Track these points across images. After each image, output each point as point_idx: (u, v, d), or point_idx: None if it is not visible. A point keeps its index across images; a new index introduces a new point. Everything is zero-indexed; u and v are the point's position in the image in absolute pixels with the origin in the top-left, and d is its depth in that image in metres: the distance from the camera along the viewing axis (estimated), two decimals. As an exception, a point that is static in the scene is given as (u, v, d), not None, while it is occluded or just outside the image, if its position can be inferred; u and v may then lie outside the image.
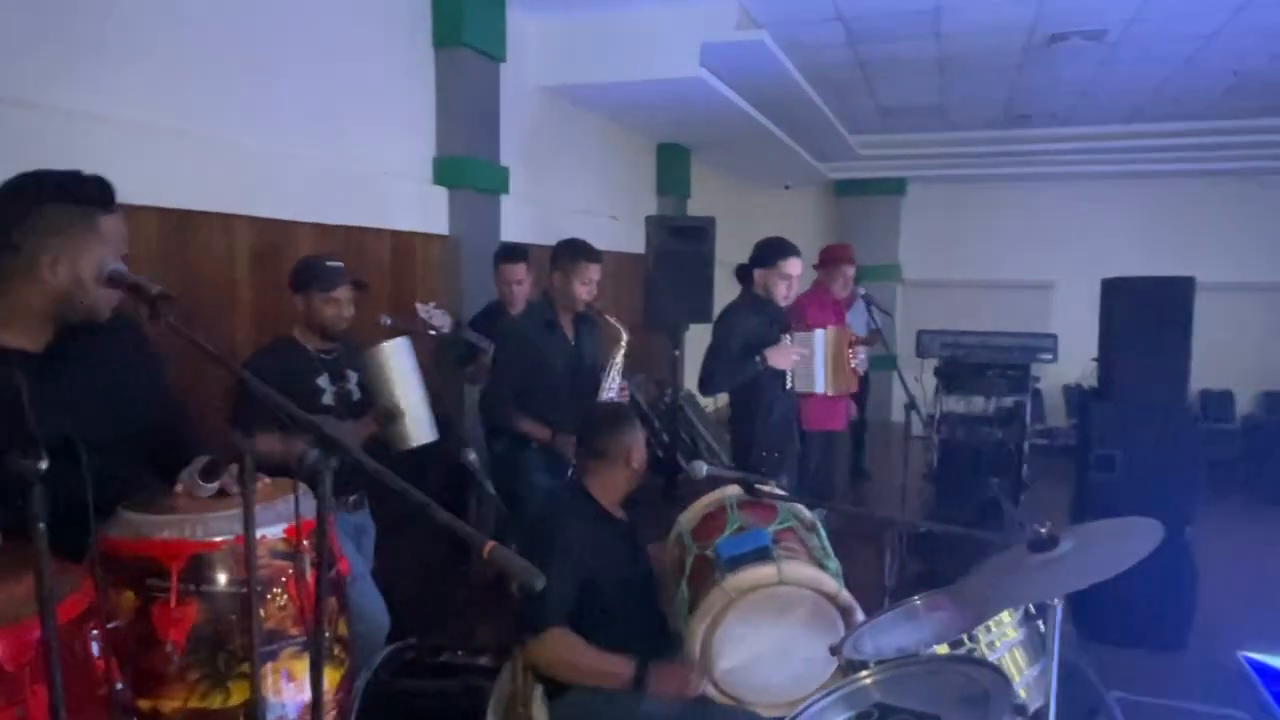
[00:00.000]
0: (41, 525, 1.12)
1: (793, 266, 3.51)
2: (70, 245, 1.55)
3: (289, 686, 1.57)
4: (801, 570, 2.14)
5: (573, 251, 3.33)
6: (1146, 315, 3.92)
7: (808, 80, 5.96)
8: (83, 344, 1.63)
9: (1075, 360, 6.09)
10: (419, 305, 3.89)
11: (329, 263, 2.77)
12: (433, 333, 3.86)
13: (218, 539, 1.54)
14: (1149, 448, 3.87)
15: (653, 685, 2.05)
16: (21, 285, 1.55)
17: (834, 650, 1.88)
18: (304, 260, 2.83)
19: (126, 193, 2.70)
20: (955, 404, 5.79)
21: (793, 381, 3.51)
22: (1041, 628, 1.90)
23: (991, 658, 1.77)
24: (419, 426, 2.72)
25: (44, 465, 1.12)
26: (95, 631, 1.37)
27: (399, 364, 2.70)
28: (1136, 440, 3.90)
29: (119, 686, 1.40)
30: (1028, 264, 9.34)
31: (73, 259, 1.55)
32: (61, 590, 1.28)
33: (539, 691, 2.26)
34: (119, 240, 1.64)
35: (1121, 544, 1.64)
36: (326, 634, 1.57)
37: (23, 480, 1.12)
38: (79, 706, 1.25)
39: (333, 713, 1.65)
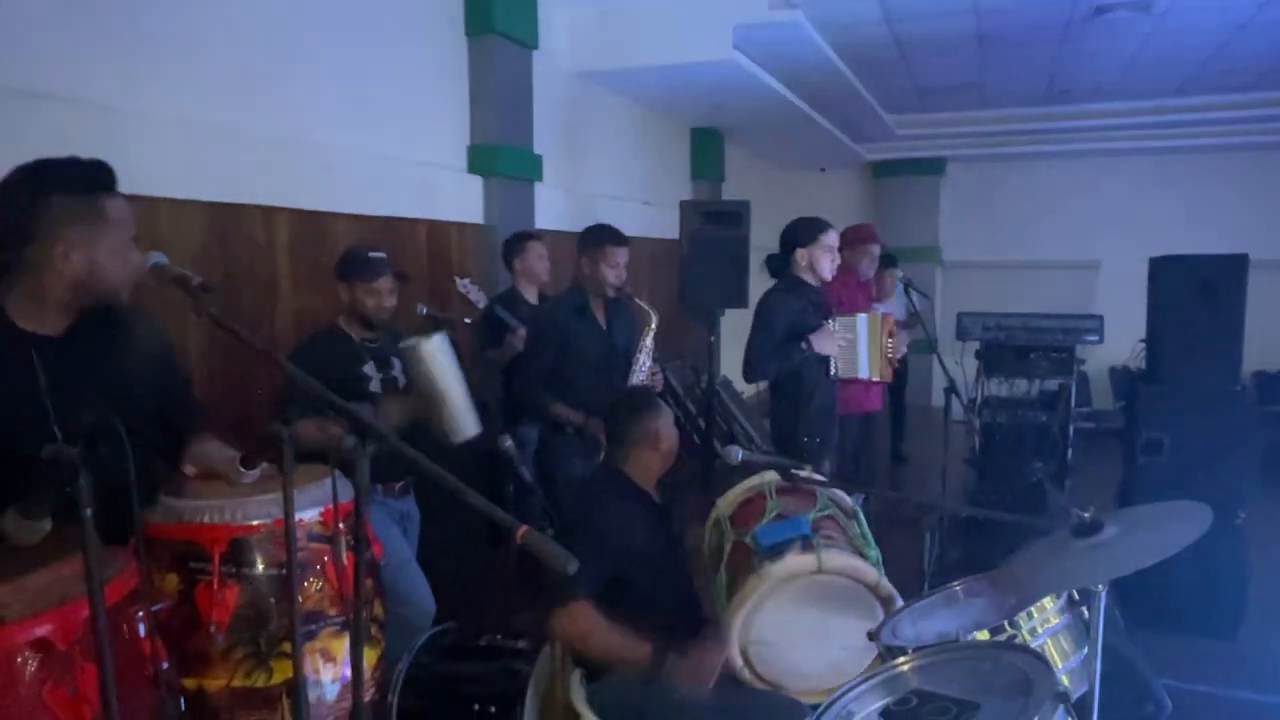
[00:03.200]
0: (88, 510, 1.15)
1: (833, 238, 3.50)
2: (81, 232, 1.57)
3: (328, 666, 1.60)
4: (841, 559, 2.11)
5: (599, 236, 3.33)
6: (1197, 294, 3.81)
7: (844, 60, 5.86)
8: (99, 329, 1.66)
9: (1122, 342, 5.92)
10: (457, 279, 3.97)
11: (371, 254, 2.80)
12: (468, 321, 3.90)
13: (256, 522, 1.58)
14: (1199, 431, 3.77)
15: (674, 673, 2.02)
16: (37, 274, 1.58)
17: (872, 636, 1.86)
18: (348, 250, 2.87)
19: (168, 187, 2.79)
20: (997, 387, 5.69)
21: (836, 367, 3.47)
22: (1085, 614, 1.86)
23: (1033, 644, 1.73)
24: (463, 421, 2.73)
25: (76, 450, 1.14)
26: (141, 613, 1.41)
27: (439, 361, 2.71)
28: (1186, 423, 3.80)
29: (165, 666, 1.44)
30: (1071, 244, 9.12)
31: (85, 245, 1.57)
32: (108, 573, 1.31)
33: (577, 674, 2.27)
34: (126, 222, 1.65)
35: (1169, 529, 1.59)
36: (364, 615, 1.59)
37: (68, 466, 1.15)
38: (127, 685, 1.28)
39: (370, 690, 1.68)
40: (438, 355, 2.69)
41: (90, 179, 1.61)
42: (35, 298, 1.59)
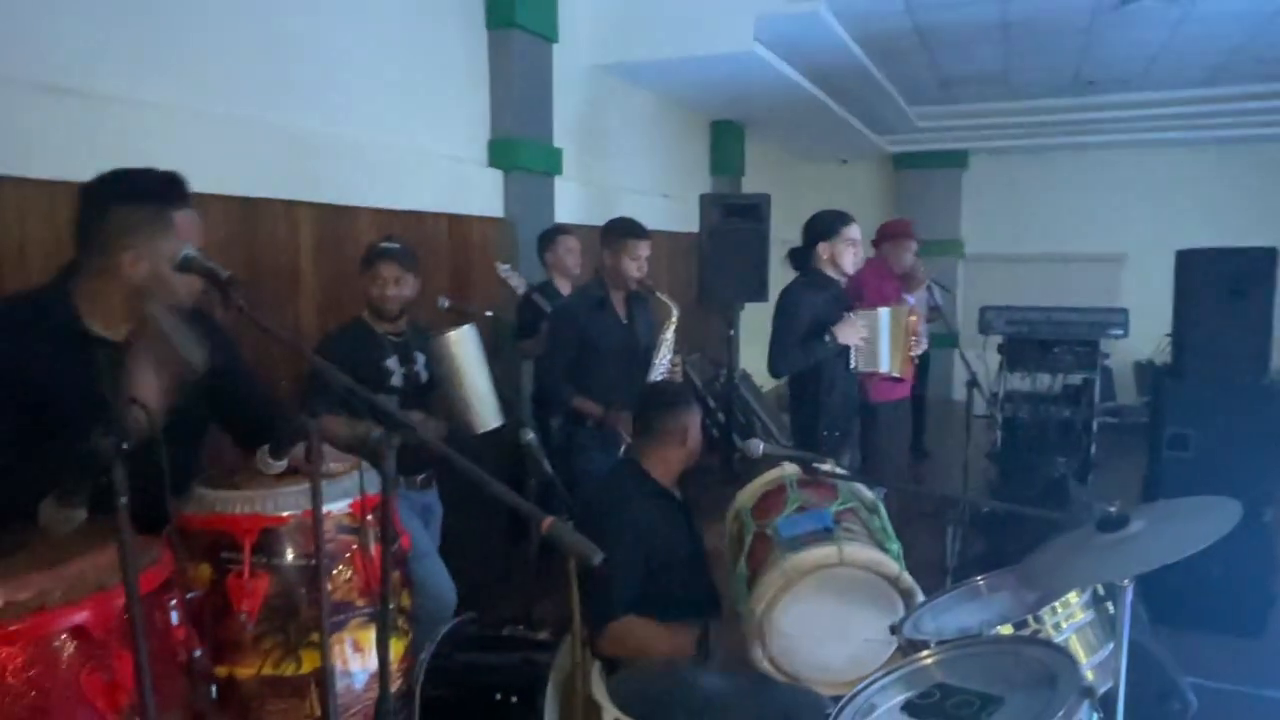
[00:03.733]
0: (124, 500, 1.18)
1: (855, 231, 3.48)
2: (148, 243, 1.60)
3: (356, 655, 1.62)
4: (863, 552, 2.11)
5: (621, 229, 3.33)
6: (1224, 288, 3.76)
7: (865, 51, 5.81)
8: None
9: (1147, 336, 5.86)
10: (498, 265, 4.01)
11: (382, 243, 2.82)
12: (489, 314, 3.92)
13: (285, 514, 1.60)
14: (1226, 426, 3.73)
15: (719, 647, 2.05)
16: (105, 280, 1.62)
17: (894, 629, 1.86)
18: (371, 244, 2.89)
19: (193, 181, 2.81)
20: (1019, 382, 5.64)
21: (856, 361, 3.46)
22: (1111, 609, 1.84)
23: (1058, 639, 1.73)
24: (487, 413, 2.75)
25: (126, 446, 1.17)
26: (174, 601, 1.44)
27: (466, 351, 2.73)
28: (1213, 419, 3.76)
29: (198, 654, 1.46)
30: (1096, 237, 9.01)
31: (151, 255, 1.60)
32: (142, 562, 1.34)
33: (598, 666, 2.29)
34: (194, 234, 1.69)
35: (1196, 524, 1.58)
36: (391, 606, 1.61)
37: (105, 458, 1.17)
38: (161, 672, 1.31)
39: (398, 681, 1.70)
40: (466, 345, 2.71)
41: (163, 190, 1.66)
42: (102, 301, 1.63)
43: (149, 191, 1.64)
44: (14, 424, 1.50)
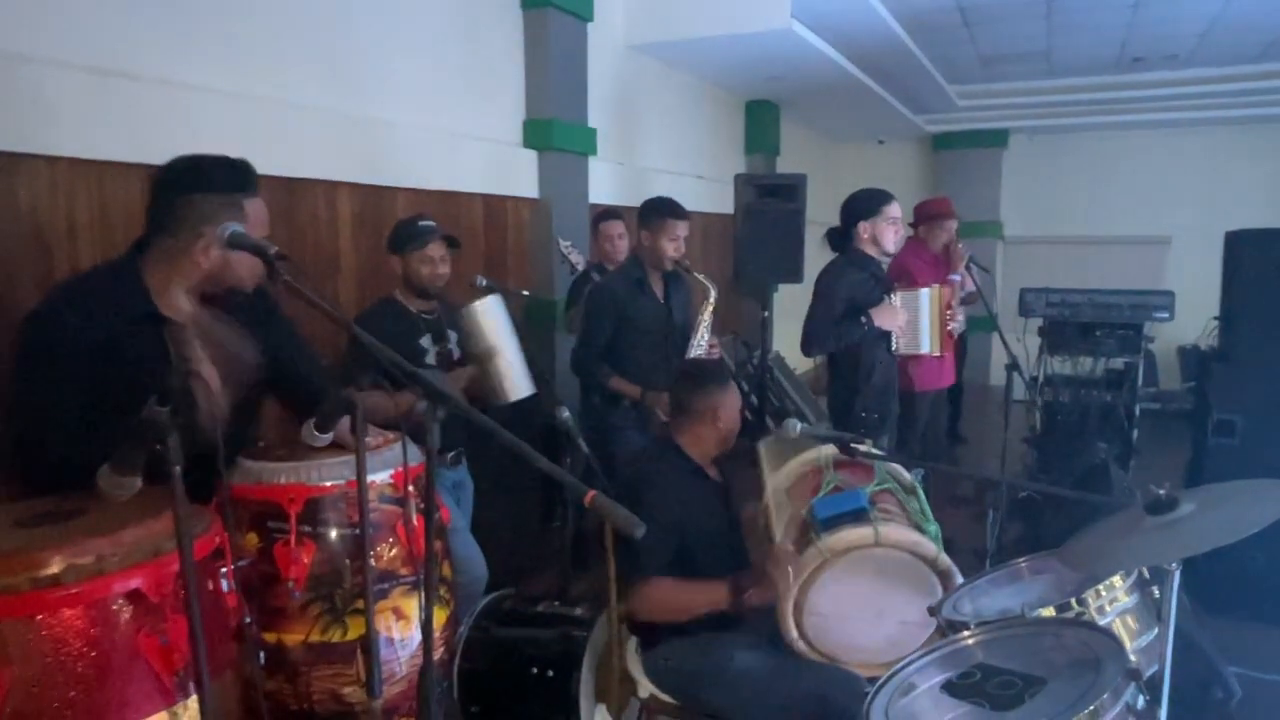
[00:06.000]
0: (178, 469, 1.21)
1: (896, 210, 3.43)
2: (220, 230, 1.62)
3: (399, 623, 1.66)
4: (900, 533, 2.10)
5: (660, 209, 3.32)
6: (1275, 270, 3.65)
7: (905, 29, 5.71)
8: (230, 312, 1.76)
9: (1190, 320, 5.72)
10: (560, 240, 4.05)
11: (420, 222, 2.83)
12: (525, 293, 3.94)
13: (330, 484, 1.64)
14: (1274, 412, 3.63)
15: (752, 597, 2.05)
16: (176, 265, 1.67)
17: (933, 611, 1.85)
18: (398, 223, 2.91)
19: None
20: (1059, 365, 5.55)
21: (898, 344, 3.42)
22: (1156, 594, 1.81)
23: (1101, 622, 1.70)
24: (517, 380, 2.76)
25: (166, 411, 1.20)
26: (225, 569, 1.47)
27: (494, 320, 2.75)
28: (1261, 404, 3.67)
29: (248, 620, 1.50)
30: (1140, 218, 8.80)
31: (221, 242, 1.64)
32: (195, 530, 1.37)
33: (634, 643, 2.31)
34: (262, 222, 1.75)
35: (1246, 508, 1.54)
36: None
37: (159, 426, 1.20)
38: (212, 637, 1.34)
39: (439, 650, 1.73)
40: (492, 313, 2.72)
41: (237, 179, 1.73)
42: (173, 283, 1.68)
43: (224, 181, 1.70)
44: (84, 398, 1.55)
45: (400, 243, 2.82)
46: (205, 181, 1.67)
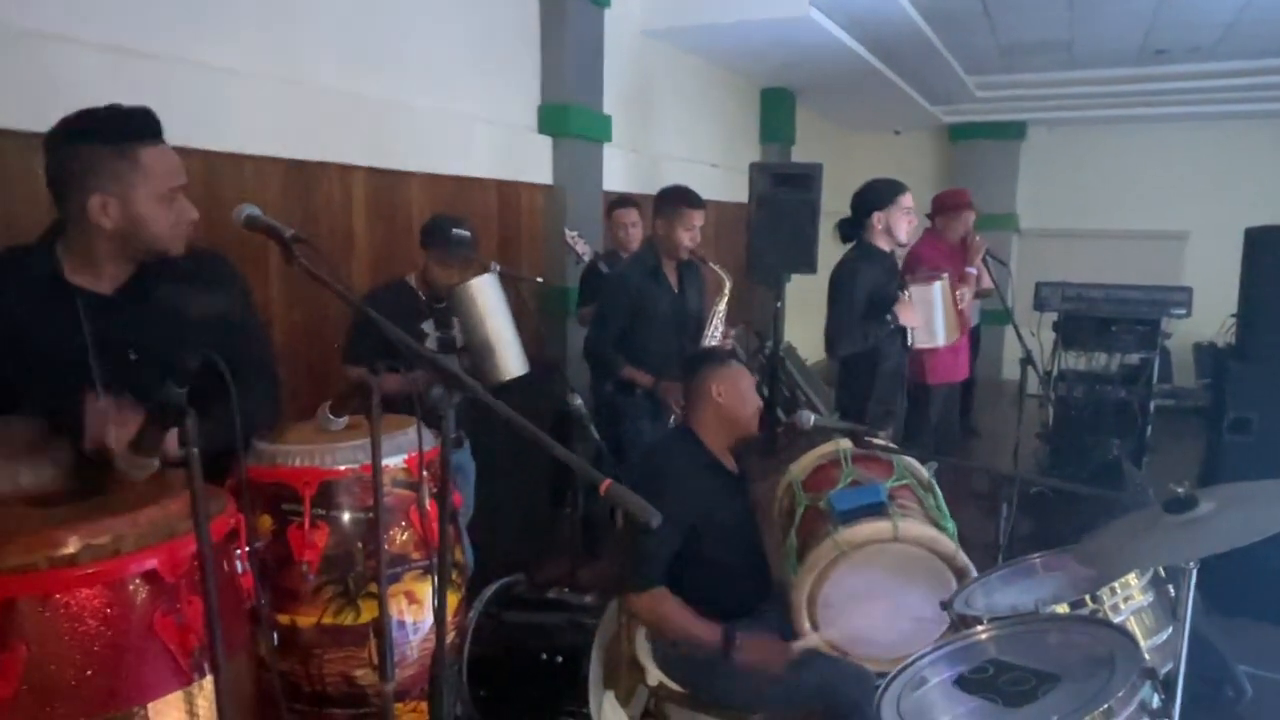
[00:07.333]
0: (195, 450, 1.20)
1: (910, 200, 3.40)
2: (115, 184, 1.51)
3: (412, 607, 1.66)
4: (918, 529, 2.09)
5: (676, 198, 3.30)
6: (1296, 268, 3.61)
7: (924, 17, 5.64)
8: (155, 284, 1.61)
9: (1207, 317, 5.67)
10: (566, 230, 4.03)
11: (456, 230, 2.81)
12: (539, 280, 3.93)
13: (343, 467, 1.64)
14: (1293, 412, 3.60)
15: (741, 654, 2.04)
16: (79, 229, 1.53)
17: (945, 604, 1.84)
18: (437, 220, 2.89)
19: (252, 144, 2.86)
20: (1074, 360, 5.50)
21: (913, 338, 3.40)
22: (1171, 592, 1.80)
23: (1115, 620, 1.69)
24: (511, 359, 2.74)
25: (183, 392, 1.18)
26: (240, 551, 1.48)
27: (488, 298, 2.73)
28: (1278, 402, 3.63)
29: (262, 602, 1.51)
30: (1159, 213, 8.70)
31: (121, 197, 1.52)
32: (210, 511, 1.37)
33: (642, 630, 2.31)
34: (170, 172, 1.57)
35: (1266, 508, 1.53)
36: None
37: (175, 407, 1.20)
38: (226, 618, 1.34)
39: (452, 633, 1.73)
40: (486, 291, 2.71)
41: (126, 128, 1.53)
42: (85, 253, 1.56)
43: (112, 131, 1.52)
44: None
45: (430, 243, 2.83)
46: (91, 133, 1.50)
